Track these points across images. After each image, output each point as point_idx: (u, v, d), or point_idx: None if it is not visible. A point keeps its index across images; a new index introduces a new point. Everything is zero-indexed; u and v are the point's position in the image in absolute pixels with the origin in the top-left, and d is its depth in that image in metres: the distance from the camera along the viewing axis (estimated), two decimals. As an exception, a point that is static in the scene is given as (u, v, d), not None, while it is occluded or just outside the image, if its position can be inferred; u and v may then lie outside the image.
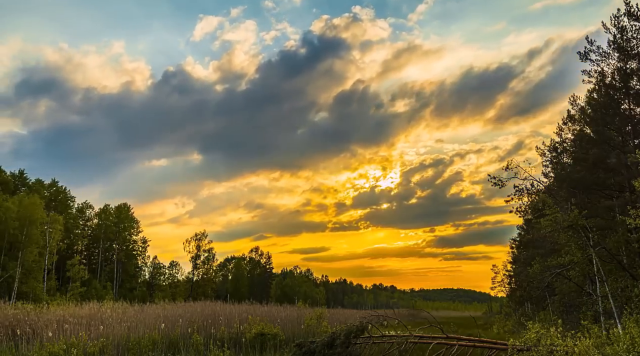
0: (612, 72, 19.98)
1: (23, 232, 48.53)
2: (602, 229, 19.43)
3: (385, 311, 39.73)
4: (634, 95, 19.35)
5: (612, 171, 20.09)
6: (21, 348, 17.08)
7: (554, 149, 27.63)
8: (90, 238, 71.46)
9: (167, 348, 18.62)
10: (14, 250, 48.86)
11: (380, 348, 15.99)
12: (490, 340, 15.07)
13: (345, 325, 17.47)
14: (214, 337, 20.29)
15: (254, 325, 21.31)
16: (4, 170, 63.18)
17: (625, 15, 19.35)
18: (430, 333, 15.64)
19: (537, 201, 23.48)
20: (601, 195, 21.76)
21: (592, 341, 10.40)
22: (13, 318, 19.46)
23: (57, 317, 20.25)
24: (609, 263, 18.26)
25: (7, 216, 47.95)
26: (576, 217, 16.07)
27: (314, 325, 24.38)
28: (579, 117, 24.10)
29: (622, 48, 19.40)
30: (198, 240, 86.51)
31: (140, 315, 22.53)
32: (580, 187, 21.04)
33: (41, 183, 67.10)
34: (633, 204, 17.24)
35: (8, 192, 56.40)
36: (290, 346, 18.61)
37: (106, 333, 18.86)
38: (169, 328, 20.33)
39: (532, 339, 11.43)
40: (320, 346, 15.60)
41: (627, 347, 9.62)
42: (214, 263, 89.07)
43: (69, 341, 16.46)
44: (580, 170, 21.04)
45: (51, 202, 66.08)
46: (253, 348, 19.88)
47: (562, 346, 10.56)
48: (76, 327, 19.11)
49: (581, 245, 17.23)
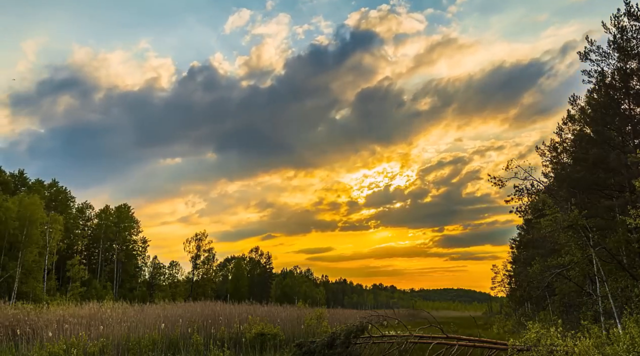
0: (612, 72, 20.00)
1: (23, 232, 48.51)
2: (602, 229, 19.44)
3: (385, 311, 39.71)
4: (634, 95, 19.35)
5: (612, 171, 20.09)
6: (21, 348, 17.07)
7: (554, 149, 27.66)
8: (90, 238, 71.46)
9: (167, 348, 18.62)
10: (14, 250, 48.85)
11: (380, 348, 15.99)
12: (490, 340, 15.07)
13: (345, 325, 17.47)
14: (214, 337, 20.28)
15: (254, 325, 21.31)
16: (4, 170, 63.29)
17: (625, 15, 19.35)
18: (430, 333, 15.65)
19: (537, 201, 23.47)
20: (601, 195, 21.76)
21: (592, 341, 10.39)
22: (13, 318, 19.44)
23: (57, 317, 20.23)
24: (609, 263, 18.25)
25: (7, 216, 47.95)
26: (576, 217, 16.06)
27: (314, 325, 24.37)
28: (579, 117, 24.11)
29: (622, 48, 19.40)
30: (198, 240, 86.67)
31: (140, 315, 22.51)
32: (580, 187, 21.04)
33: (41, 183, 67.13)
34: (633, 204, 17.25)
35: (8, 192, 56.42)
36: (290, 346, 18.61)
37: (106, 333, 18.85)
38: (169, 328, 20.32)
39: (532, 339, 11.43)
40: (320, 346, 15.60)
41: (627, 347, 9.62)
42: (214, 263, 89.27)
43: (69, 341, 16.45)
44: (580, 170, 21.04)
45: (51, 202, 66.09)
46: (253, 348, 19.88)
47: (562, 346, 10.56)
48: (76, 327, 19.10)
49: (581, 245, 17.22)
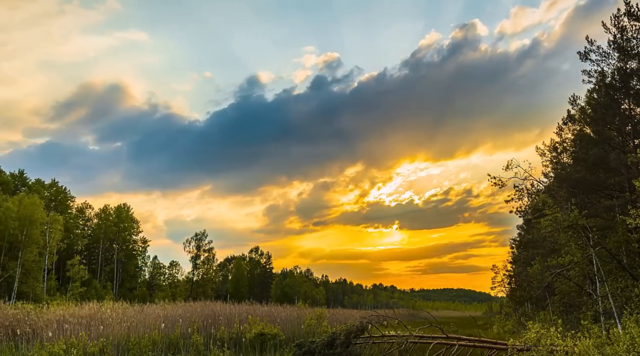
0: (612, 72, 19.98)
1: (23, 232, 48.50)
2: (602, 229, 19.45)
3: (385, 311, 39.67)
4: (634, 95, 19.34)
5: (612, 171, 20.08)
6: (21, 348, 17.06)
7: (554, 149, 27.63)
8: (90, 238, 71.42)
9: (167, 348, 18.62)
10: (14, 250, 48.84)
11: (380, 348, 15.99)
12: (490, 340, 15.06)
13: (345, 325, 17.44)
14: (214, 337, 20.28)
15: (254, 325, 21.30)
16: (4, 170, 63.30)
17: (625, 15, 19.35)
18: (430, 333, 15.64)
19: (537, 201, 23.47)
20: (601, 195, 21.76)
21: (592, 341, 10.40)
22: (13, 318, 19.40)
23: (57, 317, 20.20)
24: (609, 263, 18.26)
25: (7, 216, 47.94)
26: (576, 217, 16.06)
27: (314, 325, 24.34)
28: (579, 117, 24.08)
29: (622, 48, 19.40)
30: (198, 240, 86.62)
31: (140, 315, 22.49)
32: (580, 187, 21.03)
33: (41, 183, 67.14)
34: (633, 204, 17.25)
35: (8, 192, 56.41)
36: (290, 346, 18.62)
37: (106, 333, 18.84)
38: (169, 328, 20.31)
39: (532, 339, 11.44)
40: (321, 346, 15.60)
41: (627, 347, 9.62)
42: (214, 263, 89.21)
43: (69, 341, 16.46)
44: (580, 170, 21.02)
45: (51, 202, 66.10)
46: (253, 348, 19.87)
47: (562, 346, 10.56)
48: (76, 327, 19.08)
49: (581, 245, 17.22)
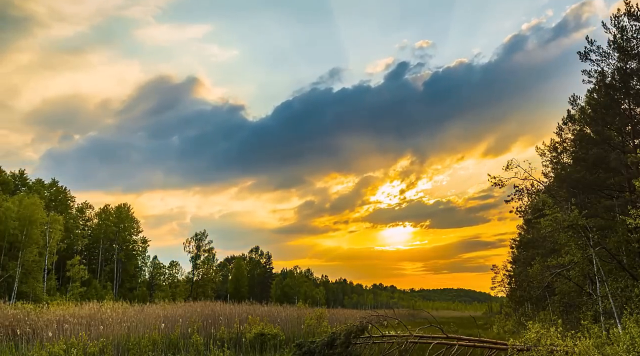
0: (612, 72, 19.98)
1: (23, 232, 48.48)
2: (602, 229, 19.44)
3: (385, 311, 39.68)
4: (634, 95, 19.34)
5: (612, 171, 20.08)
6: (21, 348, 17.04)
7: (554, 149, 27.65)
8: (90, 238, 71.42)
9: (167, 348, 18.61)
10: (14, 250, 48.83)
11: (380, 348, 15.99)
12: (490, 340, 15.06)
13: (345, 325, 17.45)
14: (214, 337, 20.28)
15: (254, 325, 21.30)
16: (4, 170, 63.27)
17: (625, 15, 19.34)
18: (430, 333, 15.65)
19: (537, 201, 23.47)
20: (601, 195, 21.75)
21: (592, 341, 10.40)
22: (13, 318, 19.39)
23: (57, 317, 20.20)
24: (609, 263, 18.25)
25: (7, 216, 47.92)
26: (576, 217, 16.06)
27: (314, 325, 24.35)
28: (579, 117, 24.09)
29: (622, 48, 19.39)
30: (198, 240, 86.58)
31: (140, 315, 22.48)
32: (580, 187, 21.04)
33: (41, 183, 67.14)
34: (633, 204, 17.25)
35: (8, 192, 56.41)
36: (290, 346, 18.62)
37: (106, 333, 18.84)
38: (169, 328, 20.31)
39: (532, 339, 11.44)
40: (321, 347, 15.60)
41: (627, 347, 9.62)
42: (214, 263, 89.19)
43: (69, 341, 16.46)
44: (580, 170, 21.02)
45: (51, 202, 66.08)
46: (253, 348, 19.87)
47: (562, 346, 10.56)
48: (76, 327, 19.08)
49: (581, 245, 17.21)
